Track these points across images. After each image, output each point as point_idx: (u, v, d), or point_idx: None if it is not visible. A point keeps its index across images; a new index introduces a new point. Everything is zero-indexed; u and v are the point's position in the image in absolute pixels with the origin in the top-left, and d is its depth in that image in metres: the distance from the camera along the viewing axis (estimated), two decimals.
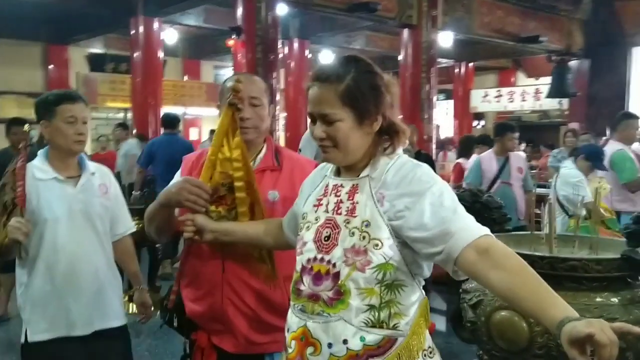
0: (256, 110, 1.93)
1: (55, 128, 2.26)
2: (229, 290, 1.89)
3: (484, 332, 2.13)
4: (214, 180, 1.85)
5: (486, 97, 16.51)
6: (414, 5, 9.69)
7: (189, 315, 1.97)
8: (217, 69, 17.39)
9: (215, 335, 1.94)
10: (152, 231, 2.01)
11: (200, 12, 11.20)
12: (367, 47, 13.43)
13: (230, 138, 1.85)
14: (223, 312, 1.90)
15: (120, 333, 2.41)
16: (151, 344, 4.53)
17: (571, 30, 12.45)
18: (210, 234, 1.78)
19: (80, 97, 2.35)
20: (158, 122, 9.84)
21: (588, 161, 4.72)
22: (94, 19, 10.91)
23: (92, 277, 2.29)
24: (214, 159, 1.85)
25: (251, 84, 1.95)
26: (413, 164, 1.44)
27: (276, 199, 1.91)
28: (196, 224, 1.78)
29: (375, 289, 1.39)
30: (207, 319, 1.94)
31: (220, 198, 1.87)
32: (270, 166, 1.97)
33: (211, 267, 1.91)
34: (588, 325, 1.09)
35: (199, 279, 1.95)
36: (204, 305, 1.93)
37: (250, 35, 7.92)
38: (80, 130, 2.27)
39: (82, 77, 13.57)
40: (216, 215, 1.85)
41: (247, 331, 1.90)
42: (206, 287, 1.93)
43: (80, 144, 2.29)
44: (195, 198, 1.77)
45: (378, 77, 1.45)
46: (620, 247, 2.15)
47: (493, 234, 1.36)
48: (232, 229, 1.80)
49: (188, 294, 1.98)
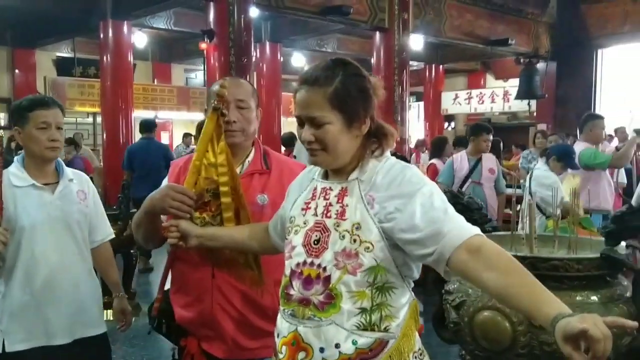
0: (243, 113, 1.92)
1: (29, 134, 2.21)
2: (218, 296, 1.88)
3: (467, 333, 2.14)
4: (198, 186, 1.84)
5: (456, 99, 16.73)
6: (385, 8, 9.76)
7: (178, 322, 1.95)
8: (188, 73, 17.27)
9: (205, 341, 1.92)
10: (139, 239, 1.99)
11: (170, 15, 11.11)
12: (338, 50, 13.49)
13: (215, 143, 1.84)
14: (213, 317, 1.88)
15: (100, 341, 2.37)
16: (127, 352, 4.47)
17: (538, 33, 12.69)
18: (195, 240, 1.76)
19: (55, 102, 2.29)
20: (129, 126, 9.73)
21: (560, 161, 4.81)
22: (61, 22, 10.71)
23: (71, 286, 2.25)
24: (198, 165, 1.84)
25: (237, 87, 1.93)
26: (402, 166, 1.44)
27: (265, 203, 1.90)
28: (180, 230, 1.76)
29: (366, 292, 1.39)
30: (197, 325, 1.92)
31: (205, 204, 1.85)
32: (258, 169, 1.96)
33: (200, 273, 1.89)
34: (581, 320, 1.10)
35: (188, 285, 1.93)
36: (194, 311, 1.91)
37: (223, 39, 7.87)
38: (53, 137, 2.21)
39: (50, 81, 13.30)
40: (200, 221, 1.84)
41: (237, 336, 1.88)
42: (195, 293, 1.91)
43: (53, 150, 2.23)
44: (179, 204, 1.75)
45: (366, 80, 1.46)
46: (597, 246, 2.19)
47: None
48: (217, 234, 1.79)
49: (177, 300, 1.96)
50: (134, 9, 9.39)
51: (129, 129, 9.74)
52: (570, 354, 1.11)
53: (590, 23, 12.22)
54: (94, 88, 12.76)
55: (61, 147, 2.29)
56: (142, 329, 4.42)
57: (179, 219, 1.77)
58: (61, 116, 2.27)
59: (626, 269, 2.07)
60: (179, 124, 15.28)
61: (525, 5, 12.27)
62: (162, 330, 2.01)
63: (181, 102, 14.94)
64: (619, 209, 2.20)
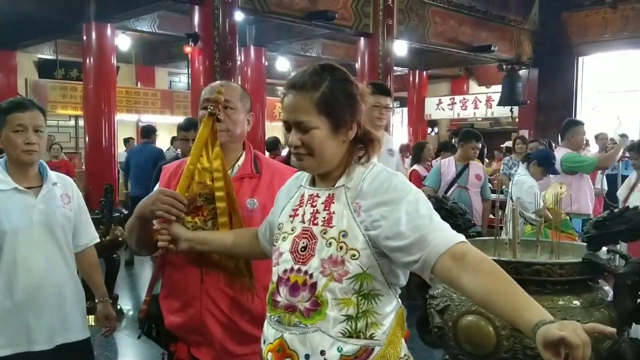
0: (229, 114, 1.93)
1: (6, 137, 2.18)
2: (208, 301, 1.87)
3: (451, 337, 2.15)
4: (191, 190, 1.84)
5: (440, 104, 16.83)
6: (370, 14, 9.81)
7: (167, 327, 1.94)
8: (172, 76, 17.16)
9: (194, 347, 1.91)
10: (133, 245, 1.97)
11: (154, 19, 11.03)
12: (323, 55, 13.50)
13: (210, 148, 1.84)
14: (202, 323, 1.87)
15: (83, 347, 2.35)
16: (109, 357, 4.43)
17: (521, 40, 12.83)
18: (185, 243, 1.76)
19: (34, 105, 2.25)
20: (111, 129, 9.65)
21: (540, 166, 4.86)
22: (43, 24, 10.58)
23: (53, 291, 2.22)
24: (192, 169, 1.83)
25: (226, 88, 1.94)
26: (388, 173, 1.45)
27: (255, 207, 1.90)
28: (171, 233, 1.76)
29: (352, 299, 1.40)
30: (186, 331, 1.92)
31: (197, 209, 1.85)
32: (249, 173, 1.96)
33: (189, 278, 1.89)
34: (560, 327, 1.12)
35: (177, 290, 1.92)
36: (183, 316, 1.90)
37: (208, 42, 7.85)
38: (29, 140, 2.17)
39: (32, 83, 13.14)
40: (192, 225, 1.84)
41: (226, 342, 1.88)
42: (185, 298, 1.90)
43: (29, 153, 2.19)
44: (169, 207, 1.75)
45: (353, 86, 1.46)
46: (579, 251, 2.22)
47: None
48: (207, 238, 1.79)
49: (166, 305, 1.95)
50: (118, 11, 9.32)
51: (111, 133, 9.65)
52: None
53: (571, 31, 12.38)
54: (77, 91, 12.64)
55: (39, 151, 2.23)
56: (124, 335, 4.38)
57: (170, 222, 1.77)
58: (40, 119, 2.23)
59: (607, 274, 2.10)
60: (163, 127, 15.09)
61: (508, 13, 12.41)
62: (151, 335, 2.00)
63: (165, 105, 14.85)
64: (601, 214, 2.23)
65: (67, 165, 9.09)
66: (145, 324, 1.98)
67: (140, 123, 15.28)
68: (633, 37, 11.51)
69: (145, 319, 1.97)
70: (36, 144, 2.20)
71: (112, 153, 9.74)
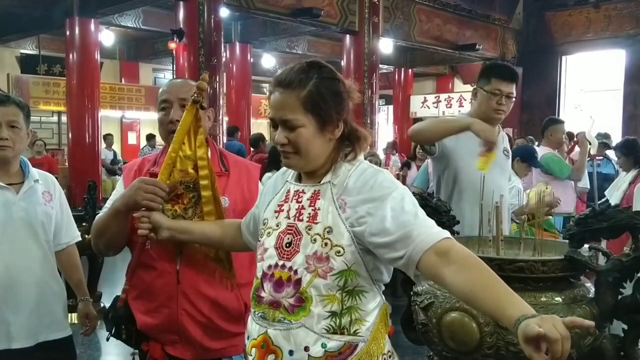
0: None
1: None
2: (184, 302, 1.85)
3: (435, 334, 2.16)
4: (172, 178, 1.82)
5: (425, 102, 16.88)
6: (355, 12, 9.82)
7: (140, 328, 1.91)
8: (156, 72, 17.05)
9: (169, 345, 1.90)
10: (101, 244, 1.93)
11: (139, 14, 10.97)
12: (309, 52, 13.51)
13: (192, 136, 1.82)
14: (178, 323, 1.86)
15: (65, 344, 2.32)
16: (91, 355, 4.40)
17: (505, 39, 12.94)
18: (166, 232, 1.74)
19: (9, 100, 2.22)
20: (95, 126, 9.56)
21: (525, 162, 4.88)
22: (26, 19, 10.46)
23: (33, 288, 2.20)
24: (174, 157, 1.81)
25: (181, 86, 1.95)
26: (374, 170, 1.45)
27: (226, 205, 1.88)
28: (152, 221, 1.74)
29: (336, 296, 1.40)
30: (161, 331, 1.90)
31: (177, 197, 1.83)
32: (217, 171, 1.92)
33: (165, 279, 1.86)
34: (540, 322, 1.12)
35: (151, 291, 1.89)
36: (158, 317, 1.88)
37: (193, 39, 7.82)
38: (2, 135, 2.13)
39: (14, 78, 12.99)
40: (172, 214, 1.81)
41: (204, 339, 1.87)
42: (160, 299, 1.88)
43: (2, 149, 2.15)
44: (152, 196, 1.73)
45: (340, 84, 1.46)
46: (561, 248, 2.23)
47: None
48: (188, 228, 1.77)
49: (139, 306, 1.91)
50: (102, 6, 9.24)
51: (95, 129, 9.57)
52: (530, 355, 1.12)
53: (555, 30, 12.50)
54: (59, 86, 12.51)
55: (14, 146, 2.18)
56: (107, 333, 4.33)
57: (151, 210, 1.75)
58: (16, 114, 2.18)
59: (589, 271, 2.11)
60: (147, 124, 15.06)
61: (493, 12, 12.50)
62: (121, 337, 1.95)
63: (149, 102, 14.72)
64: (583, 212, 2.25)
65: (49, 162, 9.02)
66: (112, 325, 1.94)
67: (124, 119, 15.21)
68: (615, 36, 11.66)
69: (112, 320, 1.93)
70: (9, 140, 2.15)
71: (95, 149, 9.67)
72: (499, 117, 2.82)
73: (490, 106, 2.77)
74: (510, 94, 2.78)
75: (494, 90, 2.75)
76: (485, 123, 2.71)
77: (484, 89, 2.80)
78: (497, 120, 2.83)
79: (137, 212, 1.77)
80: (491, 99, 2.76)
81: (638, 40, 11.36)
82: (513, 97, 2.81)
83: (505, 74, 2.81)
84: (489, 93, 2.76)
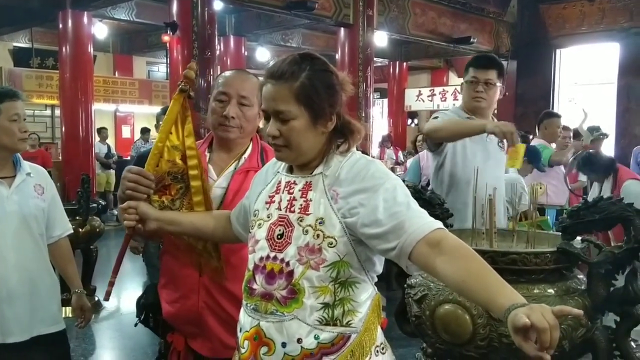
0: (244, 110, 1.87)
1: (1, 126, 2.18)
2: (205, 295, 1.85)
3: (429, 326, 2.17)
4: (160, 168, 1.79)
5: (420, 95, 16.86)
6: (350, 4, 9.80)
7: (165, 317, 1.92)
8: (150, 65, 16.98)
9: (190, 338, 1.90)
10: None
11: (132, 7, 10.90)
12: (303, 45, 13.47)
13: (180, 126, 1.80)
14: (199, 315, 1.85)
15: (59, 338, 2.33)
16: (86, 349, 4.39)
17: (499, 32, 12.92)
18: (153, 223, 1.72)
19: (21, 94, 2.27)
20: (88, 119, 9.53)
21: (529, 164, 4.87)
22: (18, 12, 10.37)
23: (27, 282, 2.20)
24: (161, 146, 1.79)
25: (243, 81, 1.88)
26: (366, 161, 1.45)
27: None
28: (139, 212, 1.72)
29: (329, 287, 1.40)
30: (183, 322, 1.90)
31: (165, 187, 1.81)
32: (254, 167, 1.89)
33: (188, 270, 1.86)
34: (528, 311, 1.11)
35: (175, 281, 1.89)
36: (180, 307, 1.88)
37: (187, 32, 7.78)
38: (25, 128, 2.22)
39: (7, 72, 12.89)
40: (159, 205, 1.79)
41: (223, 335, 1.85)
42: (183, 290, 1.87)
43: (25, 141, 2.24)
44: (134, 185, 1.71)
45: (333, 76, 1.45)
46: (554, 240, 2.24)
47: None
48: (177, 219, 1.76)
49: (165, 295, 1.92)
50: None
51: (88, 122, 9.53)
52: (520, 344, 1.12)
53: (549, 23, 12.49)
54: (53, 80, 12.43)
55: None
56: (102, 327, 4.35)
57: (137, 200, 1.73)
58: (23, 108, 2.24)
59: (581, 263, 2.12)
60: (141, 117, 15.02)
61: (487, 5, 12.48)
62: (149, 324, 1.98)
63: (143, 95, 14.69)
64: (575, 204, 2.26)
65: (43, 156, 8.99)
66: (142, 312, 1.96)
67: (118, 113, 15.15)
68: (609, 30, 11.65)
69: (142, 307, 1.95)
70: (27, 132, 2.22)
71: (89, 143, 9.63)
72: (479, 105, 2.86)
73: (470, 95, 2.85)
74: (489, 81, 2.82)
75: (471, 78, 2.84)
76: (482, 117, 2.76)
77: (464, 80, 2.92)
78: (479, 108, 2.87)
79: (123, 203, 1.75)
80: (469, 87, 2.84)
81: (632, 34, 11.36)
82: (492, 83, 2.84)
83: (481, 61, 2.89)
84: (467, 82, 2.86)
